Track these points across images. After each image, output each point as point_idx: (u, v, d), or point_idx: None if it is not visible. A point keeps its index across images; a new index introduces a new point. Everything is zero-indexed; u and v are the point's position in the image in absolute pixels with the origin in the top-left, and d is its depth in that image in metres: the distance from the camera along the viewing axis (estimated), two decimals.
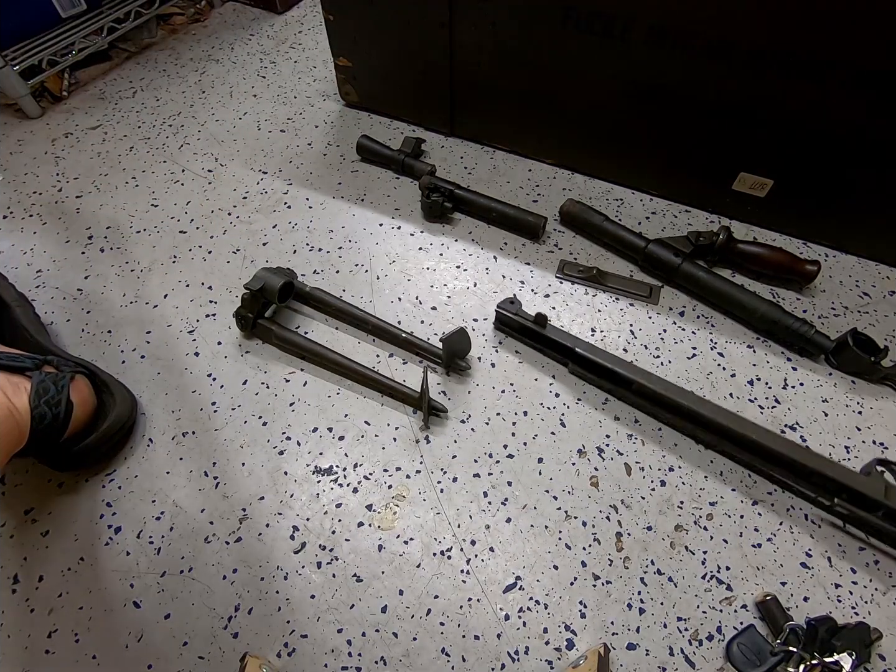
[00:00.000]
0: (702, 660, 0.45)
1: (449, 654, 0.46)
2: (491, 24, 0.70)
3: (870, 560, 0.50)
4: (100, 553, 0.51)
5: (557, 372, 0.62)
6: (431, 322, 0.67)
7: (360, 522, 0.52)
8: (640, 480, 0.54)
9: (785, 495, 0.53)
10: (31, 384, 0.49)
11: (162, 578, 0.49)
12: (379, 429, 0.58)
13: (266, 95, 0.98)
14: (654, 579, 0.49)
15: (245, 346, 0.65)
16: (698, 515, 0.52)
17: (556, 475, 0.55)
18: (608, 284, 0.70)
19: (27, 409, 0.47)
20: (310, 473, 0.55)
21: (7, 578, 0.50)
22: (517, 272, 0.71)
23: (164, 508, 0.53)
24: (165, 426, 0.58)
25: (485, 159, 0.87)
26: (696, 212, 0.78)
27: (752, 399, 0.60)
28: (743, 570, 0.50)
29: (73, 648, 0.47)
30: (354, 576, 0.49)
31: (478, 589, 0.49)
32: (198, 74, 1.03)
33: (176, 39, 1.13)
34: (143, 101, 0.98)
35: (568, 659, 0.46)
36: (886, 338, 0.65)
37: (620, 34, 0.63)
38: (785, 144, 0.65)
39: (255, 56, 1.07)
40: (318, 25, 1.15)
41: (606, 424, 0.58)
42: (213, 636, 0.47)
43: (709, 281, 0.66)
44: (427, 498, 0.54)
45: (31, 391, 0.48)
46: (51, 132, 0.92)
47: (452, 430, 0.58)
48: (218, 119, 0.94)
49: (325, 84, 1.00)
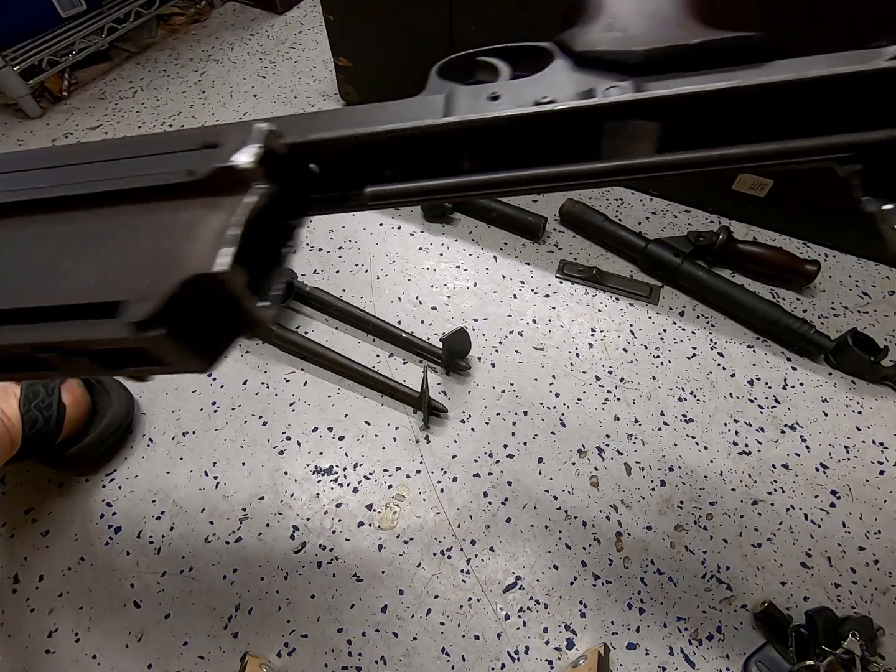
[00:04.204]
0: (702, 660, 0.45)
1: (449, 653, 0.46)
2: (491, 24, 0.70)
3: (869, 560, 0.50)
4: (100, 553, 0.51)
5: (557, 371, 0.62)
6: (431, 322, 0.67)
7: (360, 522, 0.52)
8: (640, 480, 0.54)
9: (785, 495, 0.53)
10: (21, 389, 0.49)
11: (162, 578, 0.49)
12: (379, 429, 0.58)
13: (266, 95, 0.98)
14: (654, 579, 0.49)
15: (245, 345, 0.65)
16: (698, 515, 0.52)
17: (556, 475, 0.55)
18: (608, 284, 0.70)
19: (17, 415, 0.47)
20: (310, 473, 0.55)
21: (7, 578, 0.50)
22: (517, 272, 0.71)
23: (164, 508, 0.53)
24: (165, 426, 0.58)
25: None
26: (696, 212, 0.78)
27: (752, 399, 0.60)
28: (743, 570, 0.50)
29: (73, 648, 0.47)
30: (354, 576, 0.49)
31: (478, 589, 0.49)
32: (198, 74, 1.03)
33: (176, 39, 1.12)
34: (143, 101, 0.98)
35: (568, 659, 0.46)
36: (886, 338, 0.65)
37: None
38: None
39: (255, 56, 1.07)
40: (318, 25, 1.15)
41: (606, 424, 0.58)
42: (213, 636, 0.47)
43: (709, 281, 0.66)
44: (427, 498, 0.54)
45: (20, 396, 0.48)
46: (51, 132, 0.92)
47: (452, 430, 0.58)
48: (218, 119, 0.94)
49: (325, 84, 1.00)
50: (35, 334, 0.18)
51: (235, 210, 0.18)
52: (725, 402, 0.60)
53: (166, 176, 0.19)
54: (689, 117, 0.18)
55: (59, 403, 0.50)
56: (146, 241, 0.19)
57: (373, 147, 0.20)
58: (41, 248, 0.20)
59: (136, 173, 0.20)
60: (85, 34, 0.97)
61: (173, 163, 0.20)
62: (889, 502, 0.53)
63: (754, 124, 0.18)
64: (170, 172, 0.19)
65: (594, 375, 0.62)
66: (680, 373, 0.62)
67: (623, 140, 0.19)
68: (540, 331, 0.65)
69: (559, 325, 0.66)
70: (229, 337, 0.19)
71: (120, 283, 0.18)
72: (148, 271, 0.18)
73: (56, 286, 0.18)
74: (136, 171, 0.20)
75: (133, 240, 0.19)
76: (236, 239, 0.17)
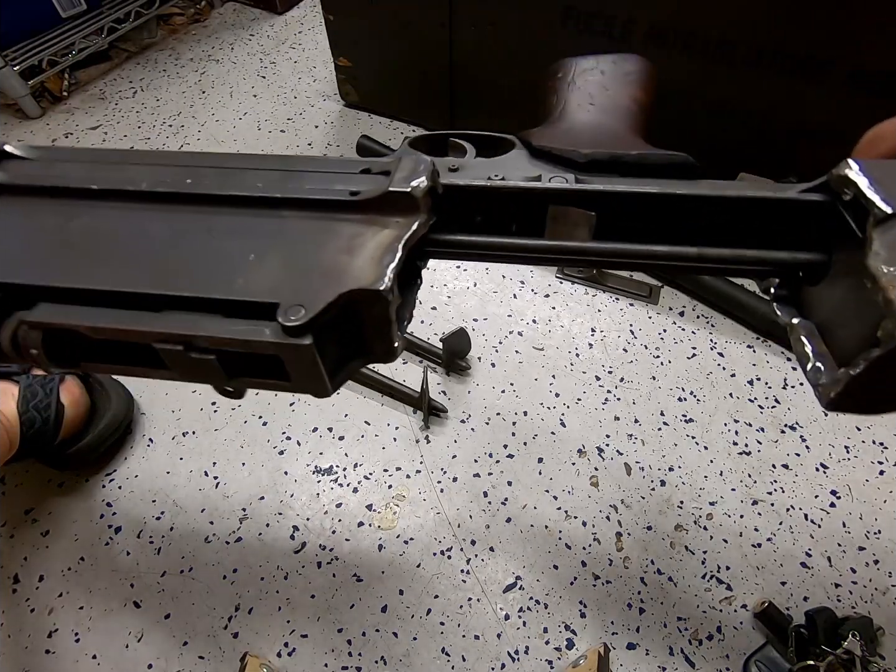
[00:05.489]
0: (702, 660, 0.45)
1: (449, 653, 0.46)
2: (491, 23, 0.70)
3: (869, 560, 0.50)
4: (100, 553, 0.51)
5: (557, 371, 0.62)
6: (431, 322, 0.67)
7: (360, 522, 0.52)
8: (640, 480, 0.54)
9: (785, 495, 0.53)
10: (19, 389, 0.49)
11: (162, 578, 0.49)
12: (379, 429, 0.58)
13: (266, 95, 0.98)
14: (654, 579, 0.49)
15: None
16: (698, 515, 0.52)
17: (556, 475, 0.55)
18: (608, 284, 0.70)
19: (15, 416, 0.47)
20: (310, 473, 0.55)
21: (7, 578, 0.50)
22: (517, 272, 0.71)
23: (164, 508, 0.53)
24: (165, 426, 0.58)
25: None
26: None
27: (752, 399, 0.60)
28: (743, 570, 0.50)
29: (73, 648, 0.47)
30: (354, 576, 0.49)
31: (478, 589, 0.49)
32: (198, 74, 1.03)
33: (176, 39, 1.12)
34: (143, 101, 0.98)
35: (568, 659, 0.46)
36: None
37: (620, 34, 0.63)
38: (785, 144, 0.64)
39: (255, 56, 1.07)
40: (318, 25, 1.15)
41: (606, 424, 0.58)
42: (213, 636, 0.47)
43: (709, 281, 0.66)
44: (427, 498, 0.54)
45: (18, 396, 0.48)
46: (51, 132, 0.92)
47: (452, 430, 0.58)
48: (218, 119, 0.94)
49: (325, 84, 1.00)
50: (188, 326, 0.17)
51: (400, 233, 0.18)
52: (725, 402, 0.60)
53: (333, 192, 0.20)
54: (621, 212, 0.20)
55: (58, 403, 0.50)
56: (307, 248, 0.18)
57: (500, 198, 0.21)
58: (203, 239, 0.19)
59: (299, 186, 0.20)
60: (85, 34, 0.97)
61: (336, 182, 0.21)
62: (889, 502, 0.53)
63: (681, 229, 0.20)
64: (336, 189, 0.20)
65: (594, 375, 0.62)
66: (680, 373, 0.62)
67: (563, 225, 0.20)
68: (540, 331, 0.65)
69: (559, 325, 0.66)
70: (355, 364, 0.19)
71: (277, 286, 0.17)
72: (307, 278, 0.17)
73: (214, 278, 0.18)
74: (299, 184, 0.21)
75: (294, 244, 0.19)
76: (400, 261, 0.17)
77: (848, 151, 0.21)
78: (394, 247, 0.18)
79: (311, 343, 0.16)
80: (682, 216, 0.20)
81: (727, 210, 0.19)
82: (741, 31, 0.57)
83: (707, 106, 0.65)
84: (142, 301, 0.17)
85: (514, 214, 0.21)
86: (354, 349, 0.19)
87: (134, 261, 0.19)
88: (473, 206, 0.21)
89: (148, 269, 0.18)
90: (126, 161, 0.23)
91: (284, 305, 0.16)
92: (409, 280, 0.21)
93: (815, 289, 0.19)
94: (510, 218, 0.21)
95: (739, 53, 0.59)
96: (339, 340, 0.18)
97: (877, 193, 0.16)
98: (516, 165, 0.24)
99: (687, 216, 0.20)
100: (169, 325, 0.17)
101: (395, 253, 0.18)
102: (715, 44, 0.59)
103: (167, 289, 0.17)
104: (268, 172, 0.21)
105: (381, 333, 0.18)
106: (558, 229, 0.20)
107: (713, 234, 0.20)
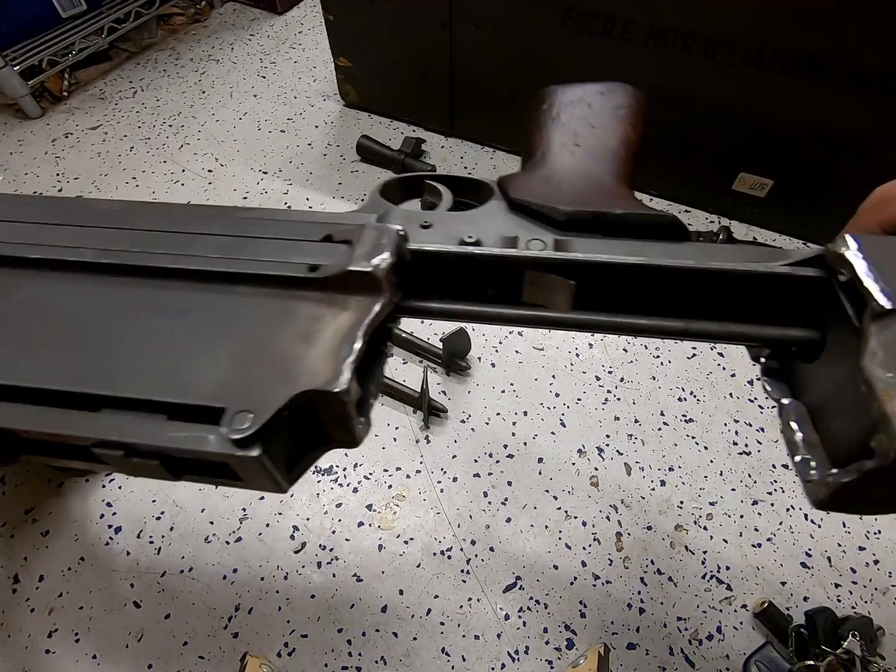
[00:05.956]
0: (702, 660, 0.45)
1: (449, 653, 0.46)
2: (491, 23, 0.70)
3: (869, 560, 0.50)
4: (100, 553, 0.51)
5: (557, 371, 0.62)
6: (431, 322, 0.67)
7: (360, 522, 0.52)
8: (640, 480, 0.54)
9: (785, 495, 0.53)
10: None
11: (162, 578, 0.50)
12: (379, 429, 0.58)
13: (266, 95, 0.98)
14: (654, 579, 0.49)
15: None
16: (698, 515, 0.52)
17: (556, 475, 0.55)
18: None
19: None
20: (310, 473, 0.55)
21: (7, 578, 0.50)
22: None
23: (164, 508, 0.53)
24: None
25: (485, 159, 0.87)
26: (696, 212, 0.78)
27: (751, 399, 0.60)
28: (743, 570, 0.50)
29: (73, 648, 0.47)
30: (354, 576, 0.49)
31: (478, 589, 0.49)
32: (198, 74, 1.03)
33: (176, 39, 1.12)
34: (144, 101, 0.98)
35: (568, 659, 0.46)
36: None
37: (620, 34, 0.63)
38: (785, 144, 0.64)
39: (255, 56, 1.07)
40: (318, 25, 1.15)
41: (606, 424, 0.58)
42: (213, 636, 0.47)
43: None
44: (427, 498, 0.54)
45: None
46: (51, 132, 0.92)
47: (452, 430, 0.58)
48: (218, 119, 0.94)
49: (325, 84, 1.00)
50: (126, 432, 0.16)
51: (360, 317, 0.17)
52: (725, 402, 0.60)
53: (290, 267, 0.19)
54: (602, 282, 0.19)
55: None
56: (261, 335, 0.17)
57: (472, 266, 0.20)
58: (150, 320, 0.18)
59: (254, 257, 0.19)
60: (85, 34, 0.97)
61: (294, 252, 0.19)
62: None
63: (665, 299, 0.19)
64: (293, 264, 0.19)
65: (594, 375, 0.62)
66: (680, 373, 0.62)
67: (541, 290, 0.19)
68: (540, 331, 0.65)
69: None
70: (314, 455, 0.18)
71: (225, 382, 0.16)
72: (258, 374, 0.16)
73: (159, 370, 0.17)
74: (253, 254, 0.19)
75: (247, 331, 0.18)
76: (359, 353, 0.16)
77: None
78: (353, 335, 0.17)
79: (259, 454, 0.15)
80: (666, 287, 0.19)
81: (714, 283, 0.18)
82: (741, 31, 0.57)
83: (707, 106, 0.65)
84: (79, 400, 0.16)
85: (490, 279, 0.20)
86: (313, 440, 0.18)
87: (74, 346, 0.18)
88: (446, 272, 0.20)
89: (88, 359, 0.17)
90: (73, 220, 0.21)
91: (231, 411, 0.15)
92: (374, 353, 0.19)
93: (808, 366, 0.18)
94: (485, 282, 0.20)
95: (739, 53, 0.59)
96: (295, 435, 0.17)
97: (875, 283, 0.15)
98: (493, 222, 0.22)
99: (671, 288, 0.19)
100: (107, 431, 0.16)
101: (353, 343, 0.16)
102: (715, 44, 0.59)
103: (107, 388, 0.16)
104: (222, 238, 0.20)
105: (342, 426, 0.17)
106: (536, 293, 0.20)
107: (699, 305, 0.19)
